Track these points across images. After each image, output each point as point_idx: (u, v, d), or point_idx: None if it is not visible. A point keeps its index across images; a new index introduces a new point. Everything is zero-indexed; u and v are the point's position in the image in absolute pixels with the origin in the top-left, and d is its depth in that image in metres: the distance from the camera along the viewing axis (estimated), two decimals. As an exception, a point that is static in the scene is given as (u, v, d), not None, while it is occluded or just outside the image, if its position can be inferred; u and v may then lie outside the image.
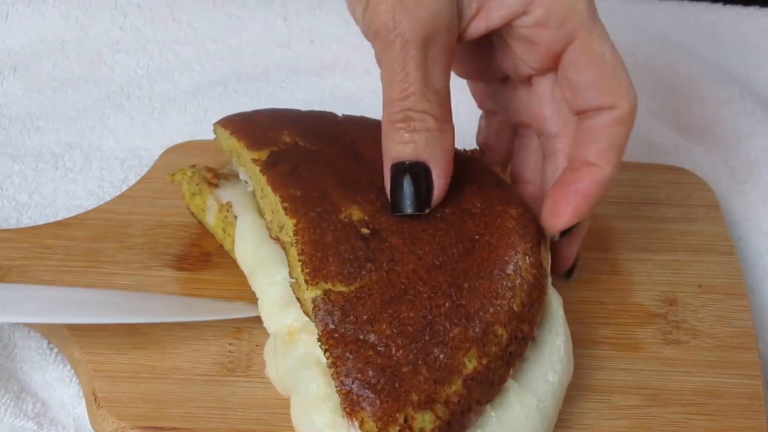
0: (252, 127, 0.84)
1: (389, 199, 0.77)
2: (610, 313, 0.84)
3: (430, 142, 0.75)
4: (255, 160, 0.80)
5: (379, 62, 0.73)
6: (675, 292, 0.86)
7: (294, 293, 0.75)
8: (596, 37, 0.76)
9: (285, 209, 0.76)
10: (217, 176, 0.86)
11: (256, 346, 0.79)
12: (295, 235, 0.74)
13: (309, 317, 0.73)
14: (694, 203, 0.94)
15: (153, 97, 1.06)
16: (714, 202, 0.94)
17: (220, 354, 0.79)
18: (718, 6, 1.17)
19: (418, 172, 0.75)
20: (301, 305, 0.74)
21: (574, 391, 0.77)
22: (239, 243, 0.82)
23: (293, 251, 0.75)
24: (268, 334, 0.78)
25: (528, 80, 0.80)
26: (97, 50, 1.11)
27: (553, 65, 0.77)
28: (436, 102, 0.74)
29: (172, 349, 0.79)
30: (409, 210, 0.76)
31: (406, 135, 0.74)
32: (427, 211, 0.76)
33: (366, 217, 0.76)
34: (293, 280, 0.75)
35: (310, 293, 0.71)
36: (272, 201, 0.78)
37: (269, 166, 0.80)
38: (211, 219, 0.86)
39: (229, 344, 0.80)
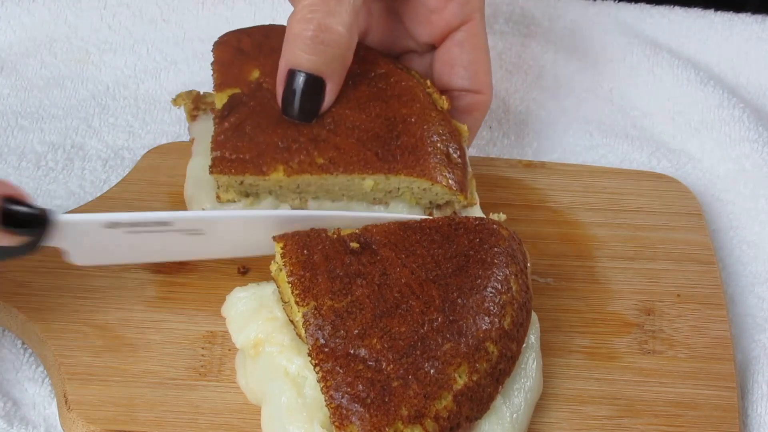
0: (232, 57, 0.86)
1: (279, 101, 0.81)
2: (587, 322, 0.83)
3: (335, 61, 0.80)
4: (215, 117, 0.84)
5: None
6: (653, 301, 0.85)
7: (287, 316, 0.75)
8: (483, 25, 0.86)
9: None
10: (197, 108, 0.88)
11: (229, 350, 0.79)
12: (282, 258, 0.75)
13: (302, 339, 0.73)
14: (677, 211, 0.93)
15: (138, 98, 1.05)
16: (697, 210, 0.93)
17: (192, 358, 0.79)
18: (710, 12, 1.16)
19: (315, 85, 0.80)
20: (295, 328, 0.74)
21: (546, 401, 0.77)
22: (186, 180, 0.85)
23: (283, 275, 0.75)
24: (241, 338, 0.78)
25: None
26: (85, 49, 1.10)
27: (438, 42, 0.86)
28: (349, 22, 0.79)
29: (144, 352, 0.79)
30: (296, 118, 0.80)
31: (314, 47, 0.78)
32: (313, 121, 0.81)
33: (356, 231, 0.76)
34: (286, 303, 0.75)
35: (301, 313, 0.72)
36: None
37: (221, 118, 0.82)
38: None
39: (202, 348, 0.80)
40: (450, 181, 0.81)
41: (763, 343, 0.86)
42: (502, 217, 0.83)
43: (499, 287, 0.75)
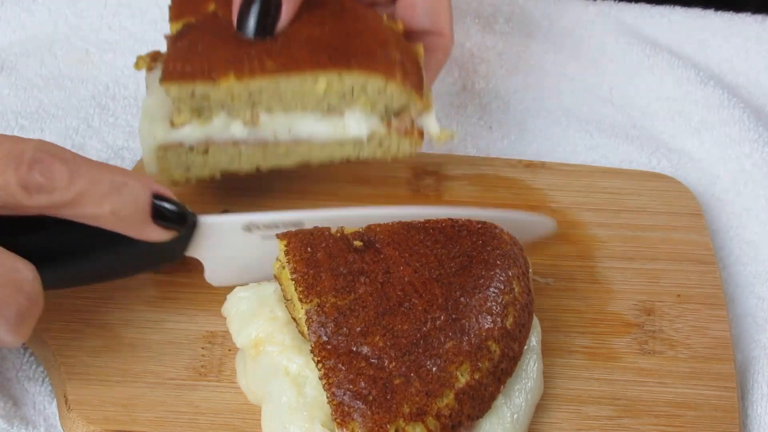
0: None
1: (233, 17, 0.81)
2: (587, 322, 0.83)
3: None
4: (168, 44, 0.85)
5: None
6: (653, 301, 0.85)
7: (289, 314, 0.75)
8: None
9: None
10: (155, 60, 0.89)
11: (229, 350, 0.79)
12: (286, 255, 0.75)
13: (304, 336, 0.73)
14: (677, 211, 0.93)
15: (138, 98, 1.05)
16: (697, 210, 0.93)
17: (192, 358, 0.79)
18: (710, 12, 1.16)
19: (270, 1, 0.81)
20: (297, 325, 0.74)
21: (547, 401, 0.77)
22: (141, 117, 0.86)
23: (285, 273, 0.75)
24: (241, 338, 0.78)
25: None
26: (85, 49, 1.10)
27: None
28: None
29: (144, 352, 0.79)
30: (251, 34, 0.81)
31: None
32: (268, 38, 0.81)
33: (360, 229, 0.77)
34: (288, 301, 0.75)
35: (304, 309, 0.72)
36: None
37: (174, 41, 0.83)
38: None
39: (202, 348, 0.80)
40: (405, 81, 0.82)
41: (763, 343, 0.86)
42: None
43: (502, 287, 0.75)
